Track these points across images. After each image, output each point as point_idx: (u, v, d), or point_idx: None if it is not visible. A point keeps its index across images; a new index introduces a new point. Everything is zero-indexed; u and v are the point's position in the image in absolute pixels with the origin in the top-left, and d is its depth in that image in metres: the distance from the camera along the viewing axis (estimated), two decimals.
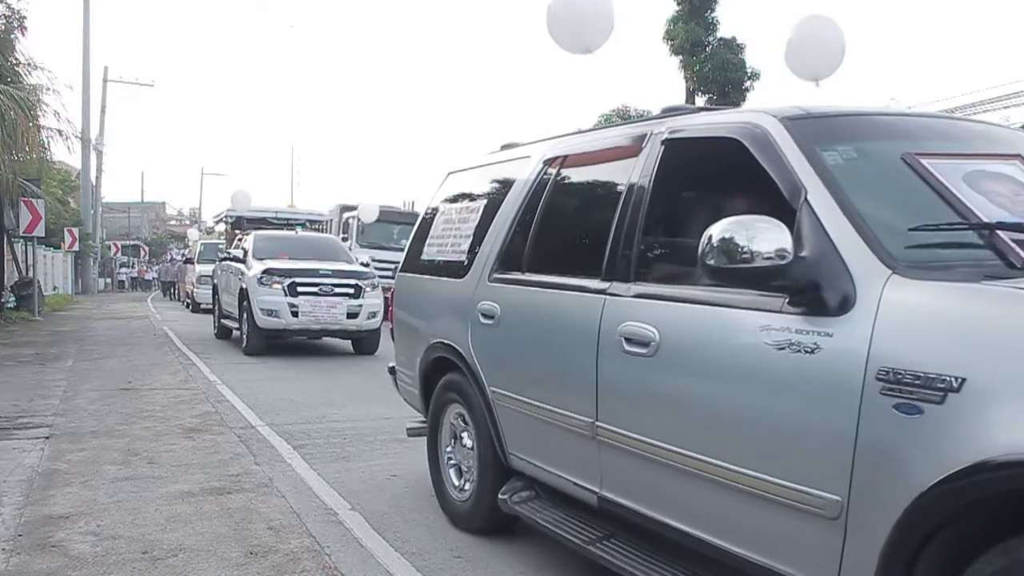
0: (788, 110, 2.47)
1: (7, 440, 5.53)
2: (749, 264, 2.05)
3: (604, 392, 2.76)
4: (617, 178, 3.03)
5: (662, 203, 2.87)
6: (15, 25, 15.74)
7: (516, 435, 3.38)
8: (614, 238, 2.86)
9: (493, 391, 3.45)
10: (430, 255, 4.32)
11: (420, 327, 4.17)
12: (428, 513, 4.06)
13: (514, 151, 3.98)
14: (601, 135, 3.43)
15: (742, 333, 2.24)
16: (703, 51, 22.39)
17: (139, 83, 37.70)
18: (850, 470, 1.88)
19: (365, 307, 10.97)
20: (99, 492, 4.29)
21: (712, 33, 22.51)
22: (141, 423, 6.20)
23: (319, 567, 3.30)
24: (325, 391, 7.98)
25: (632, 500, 2.69)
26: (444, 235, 4.23)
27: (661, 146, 2.82)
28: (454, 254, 4.01)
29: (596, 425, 2.79)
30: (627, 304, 2.70)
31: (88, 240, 31.53)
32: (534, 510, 3.27)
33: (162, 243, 54.77)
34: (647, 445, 2.54)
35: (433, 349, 3.94)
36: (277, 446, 5.46)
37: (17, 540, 3.54)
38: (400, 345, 4.54)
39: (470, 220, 3.96)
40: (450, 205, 4.34)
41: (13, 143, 13.09)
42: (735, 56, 22.17)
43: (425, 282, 4.27)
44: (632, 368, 2.62)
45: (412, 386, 4.31)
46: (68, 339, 13.16)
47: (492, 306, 3.48)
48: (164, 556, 3.38)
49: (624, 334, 2.64)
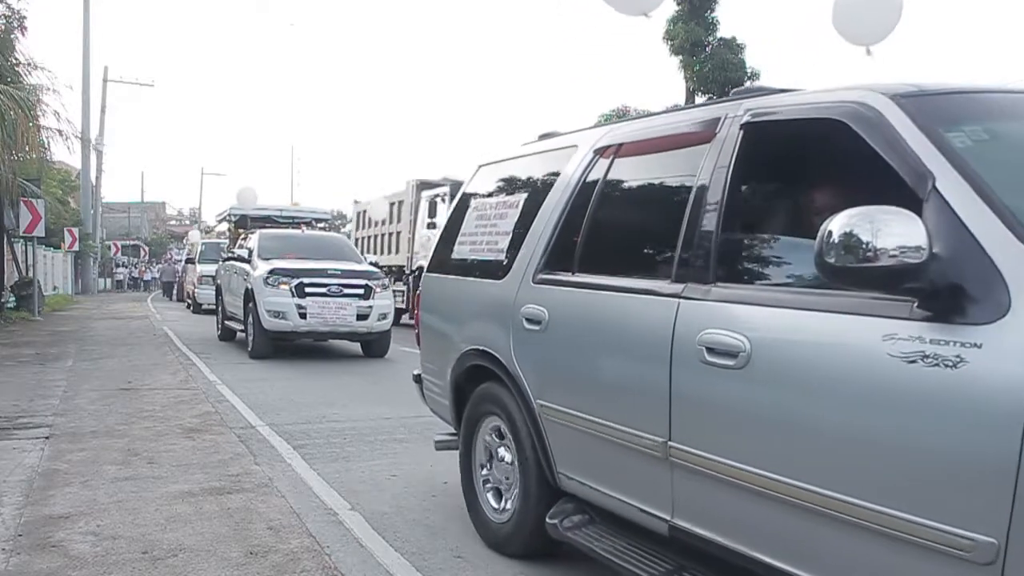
0: (898, 87, 2.18)
1: (7, 440, 5.53)
2: (874, 263, 1.77)
3: (679, 409, 2.45)
4: (685, 167, 2.72)
5: (744, 194, 2.58)
6: (15, 25, 15.75)
7: (567, 453, 3.06)
8: (686, 235, 2.55)
9: (540, 404, 3.13)
10: (461, 254, 4.00)
11: (451, 333, 3.84)
12: (428, 513, 4.06)
13: (556, 140, 3.67)
14: (662, 121, 3.07)
15: (859, 342, 1.93)
16: (703, 51, 22.41)
17: (139, 83, 37.75)
18: (1009, 509, 1.60)
19: (375, 308, 10.62)
20: (99, 492, 4.29)
21: (712, 33, 22.53)
22: (141, 423, 6.20)
23: (319, 567, 3.30)
24: (325, 391, 7.98)
25: (713, 531, 2.37)
26: (478, 232, 3.88)
27: (740, 130, 2.51)
28: (491, 253, 3.68)
29: (669, 445, 2.47)
30: (708, 309, 2.39)
31: (88, 240, 31.52)
32: (589, 537, 2.92)
33: (162, 243, 54.77)
34: (734, 470, 2.23)
35: (467, 357, 3.63)
36: (277, 446, 5.46)
37: (17, 540, 3.54)
38: (427, 352, 4.20)
39: (508, 216, 3.64)
40: (483, 200, 3.99)
41: (13, 143, 13.10)
42: (735, 56, 22.18)
43: (456, 283, 3.95)
44: (715, 382, 2.30)
45: (441, 396, 3.99)
46: (68, 339, 13.16)
47: (538, 310, 3.16)
48: (164, 556, 3.37)
49: (705, 343, 2.33)
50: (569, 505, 3.10)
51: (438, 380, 4.00)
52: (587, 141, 3.33)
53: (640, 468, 2.64)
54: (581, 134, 3.48)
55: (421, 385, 4.29)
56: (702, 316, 2.39)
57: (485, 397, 3.57)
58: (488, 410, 3.57)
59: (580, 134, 3.49)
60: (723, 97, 2.76)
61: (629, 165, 3.11)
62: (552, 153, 3.59)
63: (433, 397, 4.14)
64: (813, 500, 2.00)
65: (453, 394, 3.83)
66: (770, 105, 2.52)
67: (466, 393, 3.73)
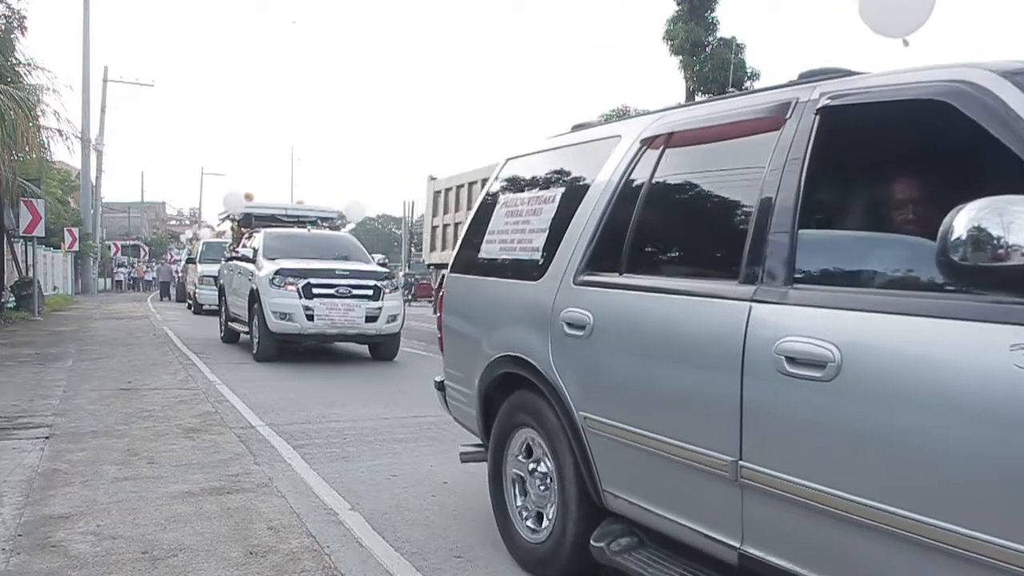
0: (1006, 64, 1.99)
1: (7, 440, 5.53)
2: (1006, 262, 1.59)
3: (752, 425, 2.20)
4: (750, 157, 2.49)
5: (824, 186, 2.35)
6: (15, 25, 15.74)
7: (615, 470, 2.80)
8: (756, 232, 2.31)
9: (584, 416, 2.87)
10: (490, 253, 3.72)
11: (479, 338, 3.56)
12: (428, 513, 4.06)
13: (595, 131, 3.43)
14: (719, 108, 2.80)
15: (979, 352, 1.71)
16: (703, 51, 22.42)
17: (139, 83, 37.83)
18: None
19: (385, 310, 10.28)
20: (99, 492, 4.29)
21: (712, 33, 22.55)
22: (141, 423, 6.19)
23: (319, 567, 3.29)
24: (325, 391, 7.98)
25: (792, 561, 2.13)
26: (508, 230, 3.61)
27: (815, 116, 2.29)
28: (524, 251, 3.42)
29: (740, 465, 2.23)
30: (786, 313, 2.15)
31: (88, 240, 31.53)
32: (642, 563, 2.68)
33: (162, 243, 54.81)
34: (819, 495, 1.99)
35: (498, 364, 3.37)
36: (277, 446, 5.46)
37: (17, 540, 3.54)
38: (452, 358, 3.94)
39: (543, 212, 3.37)
40: (513, 195, 3.72)
41: (13, 143, 13.10)
42: (735, 56, 22.19)
43: (484, 284, 3.67)
44: (797, 395, 2.06)
45: (467, 405, 3.73)
46: (68, 339, 13.16)
47: (582, 315, 2.90)
48: (164, 556, 3.37)
49: (785, 352, 2.09)
50: (616, 526, 2.85)
51: (464, 388, 3.75)
52: (632, 131, 3.08)
53: (704, 489, 2.39)
54: (624, 124, 3.26)
55: (444, 393, 4.03)
56: (780, 321, 2.16)
57: (518, 407, 3.32)
58: (521, 421, 3.32)
59: (623, 124, 3.28)
60: (788, 82, 2.58)
61: (682, 156, 2.86)
62: (591, 144, 3.34)
63: (458, 406, 3.90)
64: (918, 531, 1.77)
65: (481, 404, 3.57)
66: (851, 88, 2.28)
67: (496, 403, 3.48)
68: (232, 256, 12.76)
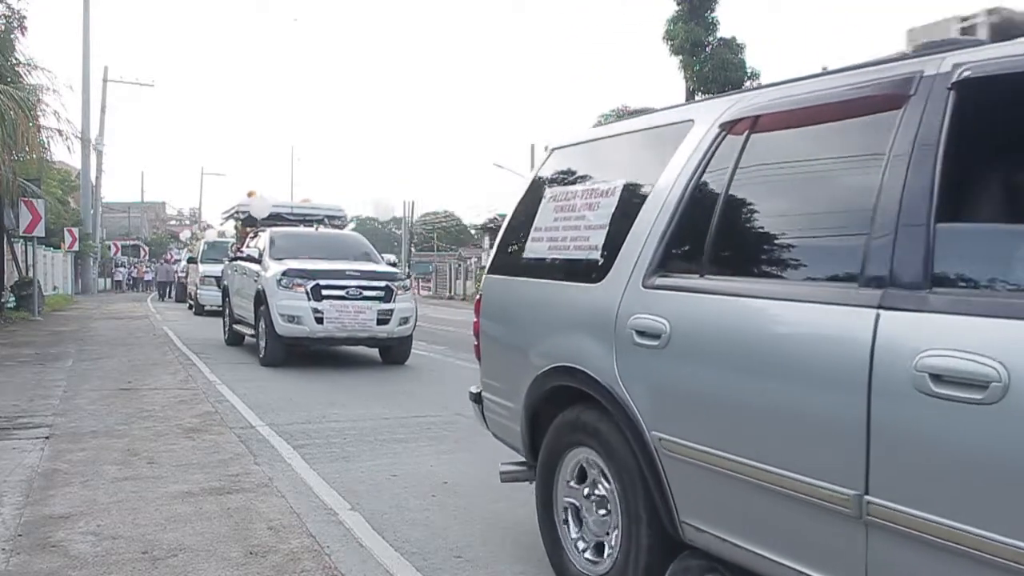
0: None
1: (7, 440, 5.53)
2: None
3: (882, 453, 1.88)
4: (863, 141, 2.22)
5: (966, 173, 2.03)
6: (15, 25, 15.74)
7: (697, 500, 2.47)
8: (880, 228, 2.00)
9: (659, 437, 2.54)
10: (536, 252, 3.38)
11: (525, 346, 3.25)
12: (428, 513, 4.06)
13: (659, 116, 3.10)
14: (815, 86, 2.42)
15: None
16: (703, 51, 22.44)
17: (139, 83, 37.90)
18: None
19: (396, 312, 9.88)
20: (99, 492, 4.29)
21: (712, 33, 22.57)
22: (141, 423, 6.20)
23: (319, 567, 3.30)
24: (325, 391, 7.98)
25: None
26: (559, 226, 3.27)
27: (949, 91, 1.97)
28: (579, 250, 3.08)
29: (865, 501, 1.90)
30: (928, 323, 1.83)
31: (88, 240, 31.55)
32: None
33: (162, 243, 54.83)
34: (976, 539, 1.68)
35: (549, 376, 3.04)
36: (277, 446, 5.46)
37: (17, 540, 3.54)
38: (491, 368, 3.62)
39: (601, 206, 3.03)
40: (563, 188, 3.38)
41: (13, 143, 13.10)
42: (735, 56, 22.22)
43: (531, 287, 3.34)
44: (946, 421, 1.75)
45: (510, 420, 3.40)
46: (68, 339, 13.16)
47: (656, 322, 2.57)
48: (164, 556, 3.37)
49: (929, 368, 1.77)
50: (695, 562, 2.54)
51: (506, 401, 3.42)
52: (707, 115, 2.76)
53: (816, 527, 2.06)
54: (696, 107, 2.97)
55: (481, 406, 3.69)
56: (919, 332, 1.84)
57: (574, 425, 2.97)
58: (577, 440, 2.98)
59: (695, 107, 2.98)
60: (898, 55, 2.28)
61: (773, 142, 2.54)
62: (656, 131, 3.03)
63: (498, 421, 3.55)
64: None
65: (528, 420, 3.24)
66: (995, 57, 1.95)
67: (545, 418, 3.15)
68: (236, 256, 12.38)
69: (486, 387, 3.66)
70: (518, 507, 4.02)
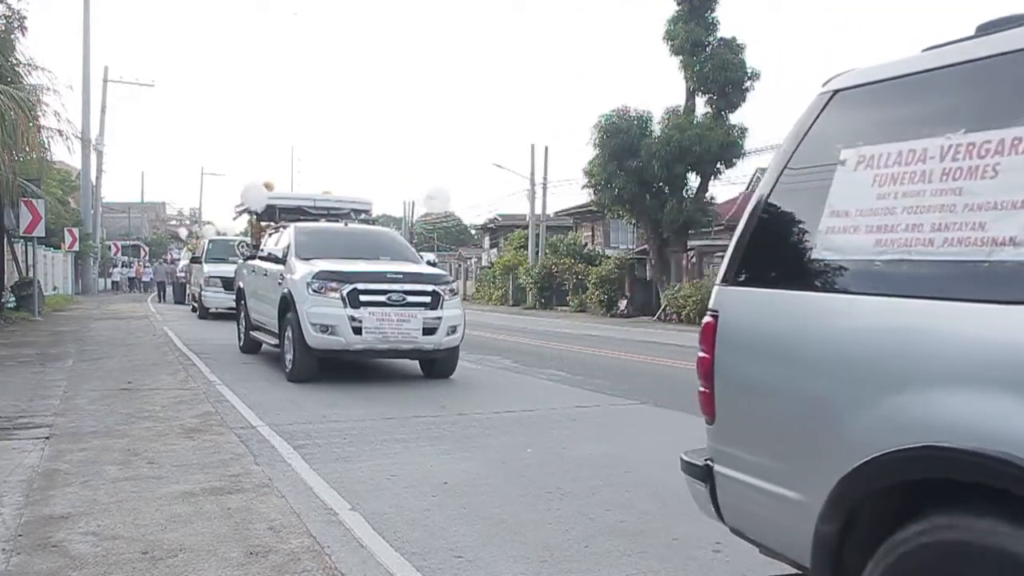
0: None
1: (7, 440, 5.53)
2: None
3: None
4: None
5: None
6: (15, 25, 15.74)
7: None
8: None
9: None
10: (847, 249, 2.17)
11: (837, 408, 2.05)
12: (428, 513, 4.06)
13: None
14: None
15: None
16: (703, 51, 22.45)
17: (139, 83, 38.06)
18: None
19: (445, 320, 8.57)
20: (99, 492, 4.29)
21: (712, 33, 22.60)
22: (141, 423, 6.19)
23: (319, 567, 3.29)
24: (325, 391, 7.98)
25: None
26: (896, 208, 2.07)
27: None
28: (962, 246, 1.88)
29: None
30: None
31: (88, 240, 31.57)
32: None
33: (162, 243, 54.86)
34: None
35: (902, 463, 1.83)
36: (277, 446, 5.46)
37: (17, 540, 3.54)
38: (750, 431, 2.41)
39: (1004, 169, 1.83)
40: (888, 147, 2.14)
41: (13, 143, 13.10)
42: (735, 56, 22.24)
43: (842, 308, 2.15)
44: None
45: (789, 518, 2.18)
46: (68, 339, 13.17)
47: None
48: (164, 556, 3.37)
49: None
50: None
51: (785, 490, 2.21)
52: None
53: None
54: None
55: (712, 484, 2.49)
56: None
57: (960, 551, 1.70)
58: (960, 571, 1.71)
59: None
60: None
61: None
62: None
63: (761, 514, 2.35)
64: None
65: (837, 524, 2.02)
66: None
67: (875, 526, 1.97)
68: (252, 255, 11.28)
69: (732, 461, 2.43)
70: (518, 507, 4.01)
